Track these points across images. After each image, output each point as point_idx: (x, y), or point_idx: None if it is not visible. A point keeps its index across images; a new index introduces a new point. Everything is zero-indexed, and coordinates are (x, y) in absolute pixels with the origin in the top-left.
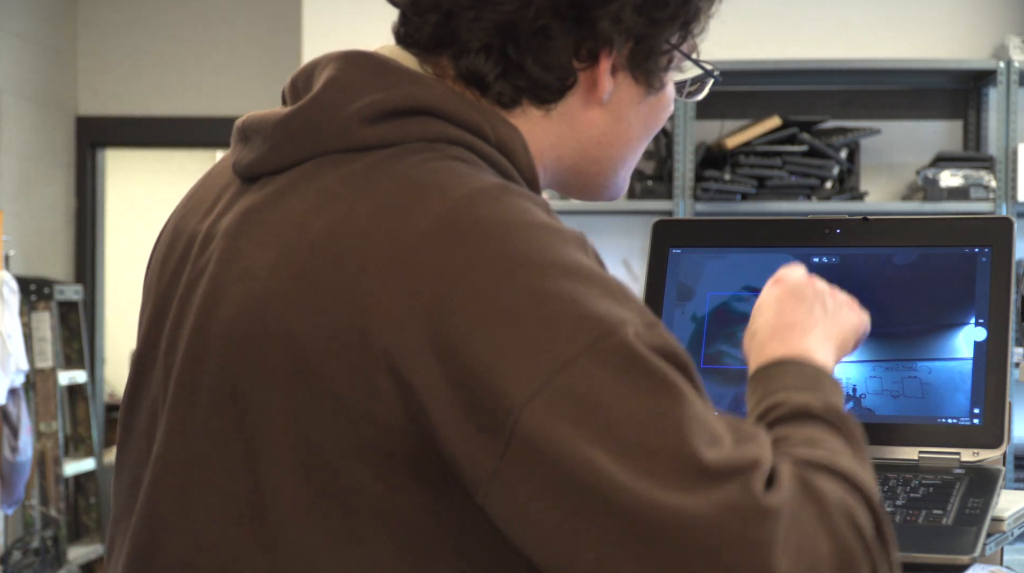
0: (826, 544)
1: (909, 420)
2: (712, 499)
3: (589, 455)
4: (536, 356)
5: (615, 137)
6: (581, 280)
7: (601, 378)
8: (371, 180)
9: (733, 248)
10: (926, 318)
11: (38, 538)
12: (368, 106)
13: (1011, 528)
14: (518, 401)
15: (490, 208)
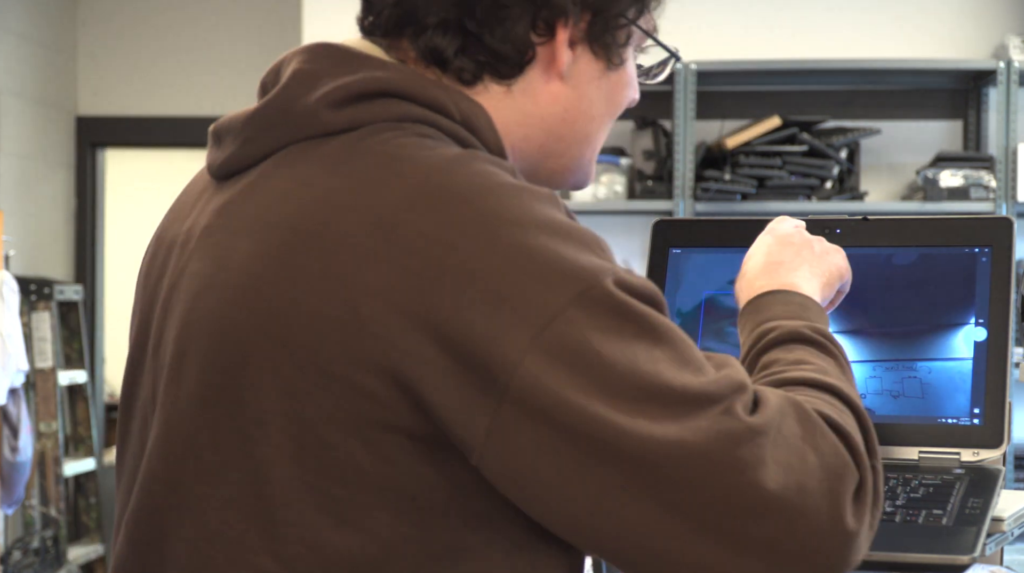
0: (813, 458)
1: (909, 420)
2: (703, 426)
3: (584, 402)
4: (524, 312)
5: (579, 113)
6: (559, 235)
7: (589, 327)
8: (343, 160)
9: (733, 248)
10: (926, 318)
11: (38, 538)
12: (333, 91)
13: (1011, 528)
14: (511, 358)
15: (462, 174)
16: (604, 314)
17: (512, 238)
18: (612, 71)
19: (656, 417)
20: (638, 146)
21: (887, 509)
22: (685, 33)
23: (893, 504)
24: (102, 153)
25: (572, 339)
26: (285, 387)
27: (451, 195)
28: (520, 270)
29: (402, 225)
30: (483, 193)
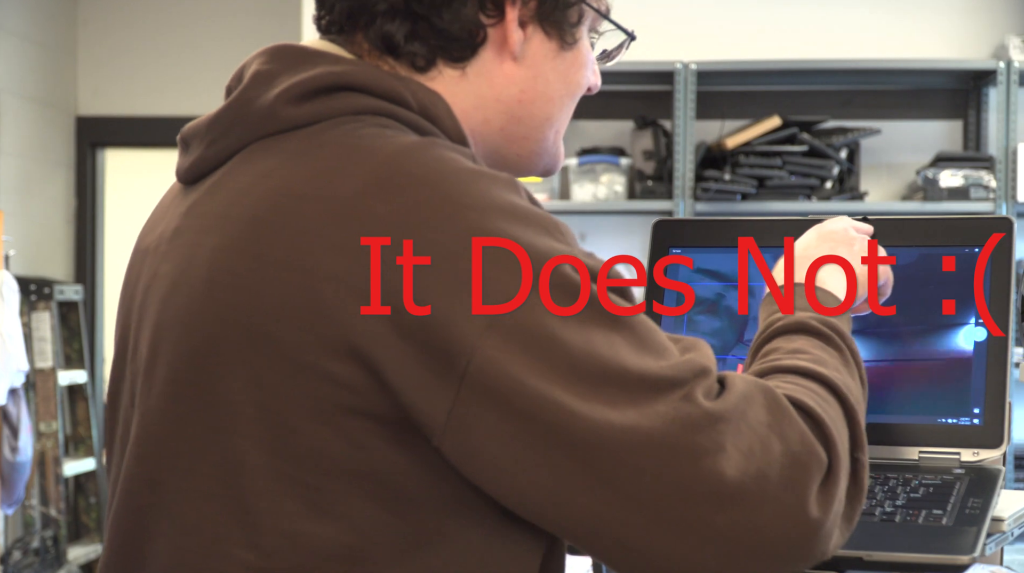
0: (778, 445)
1: (909, 420)
2: (660, 411)
3: (542, 386)
4: (483, 296)
5: (536, 94)
6: (518, 219)
7: (547, 311)
8: (302, 152)
9: (733, 248)
10: (926, 318)
11: (38, 538)
12: (290, 88)
13: (1011, 528)
14: (469, 342)
15: (420, 159)
16: (562, 297)
17: (469, 223)
18: (567, 51)
19: (613, 402)
20: (638, 146)
21: (887, 509)
22: (685, 33)
23: (893, 504)
24: (102, 153)
25: (529, 323)
26: (253, 377)
27: (409, 180)
28: (477, 255)
29: (361, 210)
30: (441, 178)
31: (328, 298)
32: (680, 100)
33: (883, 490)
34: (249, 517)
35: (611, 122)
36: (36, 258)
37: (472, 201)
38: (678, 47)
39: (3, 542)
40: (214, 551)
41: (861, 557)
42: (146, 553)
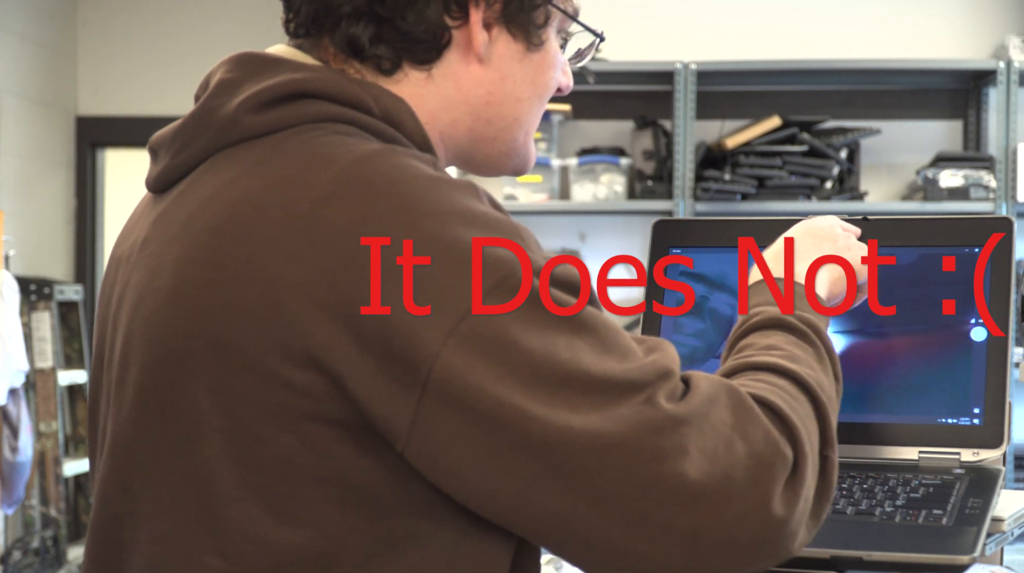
0: (741, 446)
1: (909, 420)
2: (623, 414)
3: (503, 392)
4: (442, 303)
5: (503, 95)
6: (477, 225)
7: (507, 316)
8: (263, 161)
9: (733, 248)
10: (926, 318)
11: (38, 538)
12: (252, 96)
13: (1011, 528)
14: (430, 350)
15: (379, 167)
16: (522, 303)
17: (427, 230)
18: (534, 52)
19: (576, 406)
20: (638, 146)
21: (887, 509)
22: (685, 33)
23: (893, 504)
24: (102, 153)
25: (489, 329)
26: (218, 386)
27: (367, 188)
28: (435, 262)
29: (319, 219)
30: (400, 185)
31: (288, 307)
32: (680, 100)
33: (883, 490)
34: (218, 524)
35: (611, 122)
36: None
37: (430, 207)
38: (678, 47)
39: (3, 542)
40: (185, 559)
41: (861, 557)
42: (124, 560)
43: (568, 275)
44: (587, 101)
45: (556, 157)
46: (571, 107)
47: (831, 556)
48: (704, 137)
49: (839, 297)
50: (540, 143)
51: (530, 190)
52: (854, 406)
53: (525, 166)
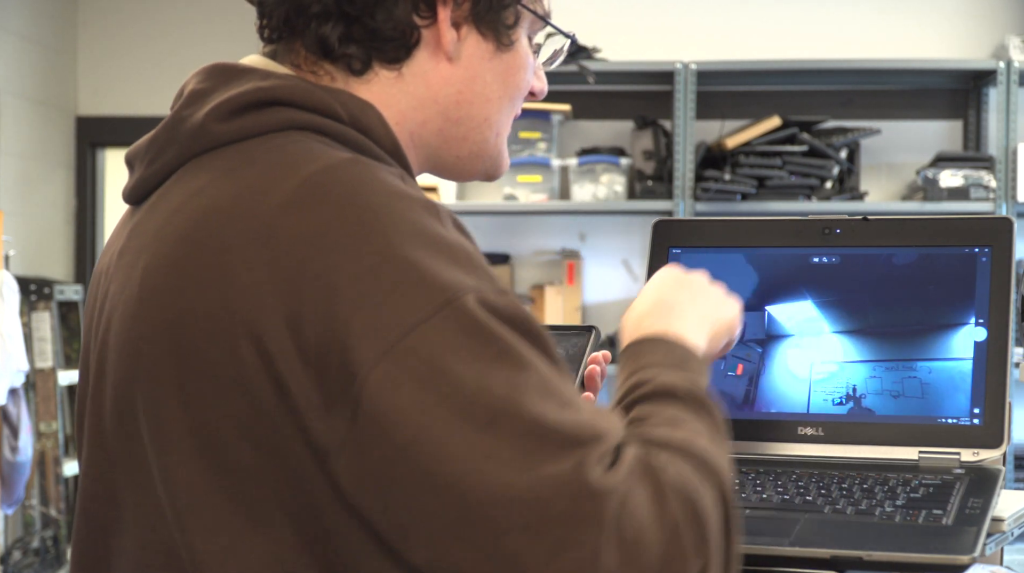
0: (656, 531)
1: (909, 420)
2: (544, 473)
3: (427, 421)
4: (380, 322)
5: (473, 95)
6: (429, 247)
7: (444, 344)
8: (231, 169)
9: (733, 248)
10: (926, 318)
11: (38, 538)
12: (220, 105)
13: (1011, 528)
14: (363, 367)
15: (342, 179)
16: (461, 332)
17: (378, 246)
18: (504, 52)
19: (498, 450)
20: (638, 146)
21: (887, 509)
22: (685, 33)
23: (893, 504)
24: (102, 153)
25: (424, 355)
26: (184, 396)
27: (326, 200)
28: (380, 280)
29: (278, 227)
30: (358, 198)
31: (242, 314)
32: (680, 100)
33: (883, 490)
34: (189, 535)
35: (611, 122)
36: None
37: (385, 224)
38: (678, 47)
39: (3, 542)
40: (167, 565)
41: (861, 557)
42: (112, 568)
43: (517, 312)
44: (587, 101)
45: (556, 157)
46: (571, 107)
47: (831, 556)
48: (704, 137)
49: (716, 353)
50: (540, 143)
51: (530, 190)
52: (854, 406)
53: (497, 170)
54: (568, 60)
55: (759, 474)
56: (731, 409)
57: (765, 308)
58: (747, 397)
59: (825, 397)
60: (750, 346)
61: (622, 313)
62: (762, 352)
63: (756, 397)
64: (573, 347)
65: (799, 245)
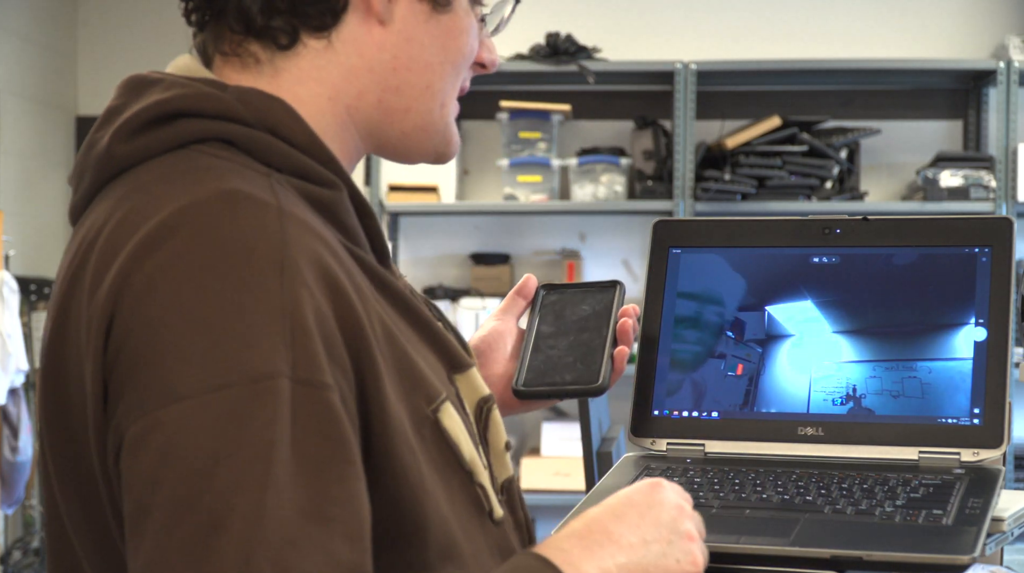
0: None
1: (909, 420)
2: None
3: (151, 504)
4: (153, 382)
5: (410, 60)
6: (242, 313)
7: (201, 426)
8: (121, 199)
9: (733, 248)
10: (926, 318)
11: (38, 538)
12: (123, 125)
13: (1011, 528)
14: (124, 422)
15: (191, 223)
16: (226, 418)
17: (189, 305)
18: (441, 14)
19: (190, 549)
20: (638, 146)
21: (887, 509)
22: (685, 33)
23: (893, 504)
24: None
25: (175, 430)
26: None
27: (165, 246)
28: (171, 339)
29: (123, 269)
30: (193, 250)
31: (85, 356)
32: (680, 100)
33: (883, 490)
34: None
35: (611, 122)
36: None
37: (207, 282)
38: (678, 47)
39: (3, 542)
40: None
41: (861, 557)
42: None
43: (317, 412)
44: (587, 101)
45: (556, 157)
46: (571, 107)
47: (831, 556)
48: (704, 137)
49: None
50: (540, 143)
51: (530, 190)
52: (854, 406)
53: (447, 147)
54: (568, 60)
55: (759, 474)
56: (731, 409)
57: (765, 308)
58: (747, 397)
59: (825, 397)
60: (750, 346)
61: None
62: (762, 352)
63: (756, 397)
64: (599, 303)
65: (799, 245)
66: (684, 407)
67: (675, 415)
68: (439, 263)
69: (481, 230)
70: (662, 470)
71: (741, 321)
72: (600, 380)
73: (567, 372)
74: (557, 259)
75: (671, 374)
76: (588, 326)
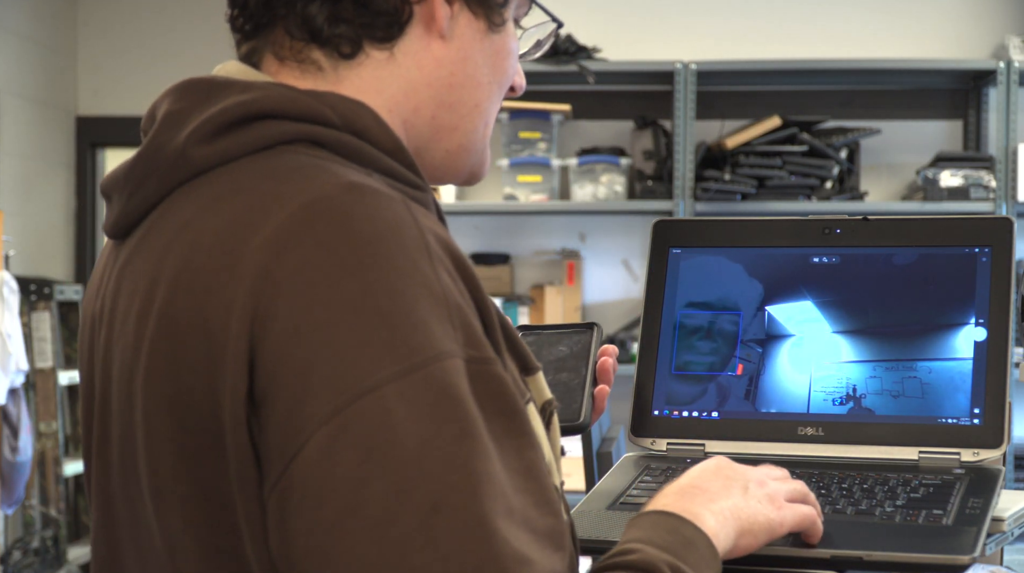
0: None
1: (909, 420)
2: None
3: (360, 502)
4: (336, 378)
5: (465, 78)
6: (414, 298)
7: (400, 412)
8: (218, 198)
9: (733, 248)
10: (926, 318)
11: (38, 538)
12: (200, 127)
13: (1011, 528)
14: (308, 426)
15: (330, 213)
16: (423, 401)
17: (354, 294)
18: (494, 33)
19: (431, 541)
20: (638, 146)
21: (887, 509)
22: (685, 33)
23: (893, 504)
24: (102, 153)
25: (375, 421)
26: (180, 450)
27: (308, 238)
28: (350, 330)
29: (257, 269)
30: (341, 238)
31: (223, 364)
32: (680, 100)
33: (883, 490)
34: None
35: (611, 122)
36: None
37: (367, 269)
38: (678, 47)
39: (3, 542)
40: None
41: (861, 557)
42: None
43: (498, 387)
44: (587, 101)
45: (556, 157)
46: (571, 107)
47: (831, 556)
48: (704, 137)
49: (745, 550)
50: (540, 143)
51: (530, 190)
52: (854, 406)
53: (481, 167)
54: (568, 60)
55: None
56: (731, 409)
57: (765, 308)
58: (747, 397)
59: (825, 397)
60: (750, 346)
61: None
62: (762, 352)
63: (756, 397)
64: (576, 345)
65: (799, 245)
66: (684, 407)
67: (675, 415)
68: None
69: (481, 230)
70: (662, 470)
71: (741, 321)
72: (582, 417)
73: None
74: (557, 259)
75: (671, 374)
76: (566, 366)
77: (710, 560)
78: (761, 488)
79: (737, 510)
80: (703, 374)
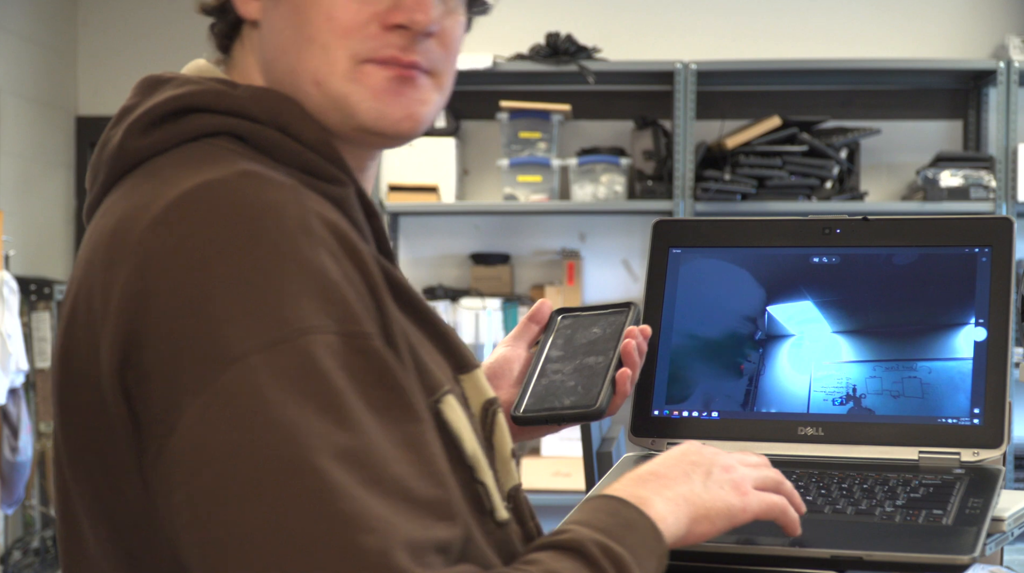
0: None
1: (909, 420)
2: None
3: (231, 471)
4: (207, 351)
5: (274, 51)
6: (286, 275)
7: (266, 382)
8: (133, 187)
9: (733, 248)
10: (926, 318)
11: (38, 538)
12: (136, 120)
13: (1011, 528)
14: (183, 399)
15: (214, 195)
16: (289, 373)
17: (226, 270)
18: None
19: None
20: (638, 146)
21: (887, 509)
22: (685, 33)
23: (893, 504)
24: None
25: (240, 392)
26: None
27: (189, 217)
28: (222, 305)
29: (140, 247)
30: (220, 218)
31: (103, 339)
32: (680, 100)
33: (883, 490)
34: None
35: (611, 122)
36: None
37: (241, 246)
38: (678, 47)
39: (3, 542)
40: None
41: (861, 557)
42: None
43: (370, 361)
44: (587, 101)
45: (556, 157)
46: (571, 107)
47: (831, 556)
48: (704, 137)
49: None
50: (540, 143)
51: (530, 190)
52: (854, 406)
53: (353, 117)
54: (568, 60)
55: None
56: (731, 409)
57: (765, 308)
58: (747, 397)
59: (825, 397)
60: (750, 346)
61: None
62: (762, 352)
63: (756, 397)
64: (610, 326)
65: (799, 245)
66: (684, 407)
67: (675, 415)
68: (439, 263)
69: (481, 230)
70: None
71: (741, 321)
72: (597, 403)
73: (567, 396)
74: (557, 259)
75: (671, 374)
76: (595, 349)
77: (651, 543)
78: (726, 473)
79: (693, 496)
80: (703, 374)
